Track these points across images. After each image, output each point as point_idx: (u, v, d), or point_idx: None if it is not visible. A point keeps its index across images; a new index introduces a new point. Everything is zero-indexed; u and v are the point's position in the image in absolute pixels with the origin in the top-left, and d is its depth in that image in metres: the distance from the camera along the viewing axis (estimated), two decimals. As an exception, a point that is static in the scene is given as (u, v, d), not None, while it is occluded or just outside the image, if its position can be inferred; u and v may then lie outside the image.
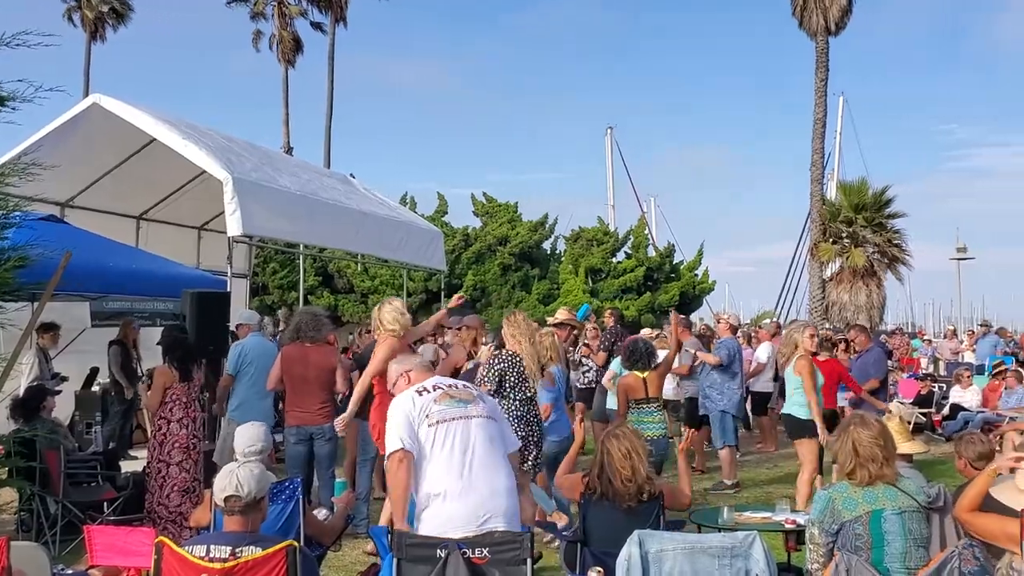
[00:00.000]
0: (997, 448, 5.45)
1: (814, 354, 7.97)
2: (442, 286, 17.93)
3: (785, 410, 7.89)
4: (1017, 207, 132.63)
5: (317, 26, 34.00)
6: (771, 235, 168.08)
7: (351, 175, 14.97)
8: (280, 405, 8.50)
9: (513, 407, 5.98)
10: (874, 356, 10.48)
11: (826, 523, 3.93)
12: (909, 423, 11.81)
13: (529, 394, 6.11)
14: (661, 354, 9.88)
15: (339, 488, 5.36)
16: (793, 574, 5.28)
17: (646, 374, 7.67)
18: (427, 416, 3.98)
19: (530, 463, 6.00)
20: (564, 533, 5.23)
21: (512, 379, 6.04)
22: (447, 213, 25.08)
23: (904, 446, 4.97)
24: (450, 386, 4.22)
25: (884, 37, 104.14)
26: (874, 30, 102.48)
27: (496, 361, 6.07)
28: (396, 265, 16.12)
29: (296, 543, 3.50)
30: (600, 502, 4.51)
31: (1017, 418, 9.99)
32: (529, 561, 3.45)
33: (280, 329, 13.73)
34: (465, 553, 3.51)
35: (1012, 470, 3.93)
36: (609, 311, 11.87)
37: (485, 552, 3.53)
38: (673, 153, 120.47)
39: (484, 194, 26.40)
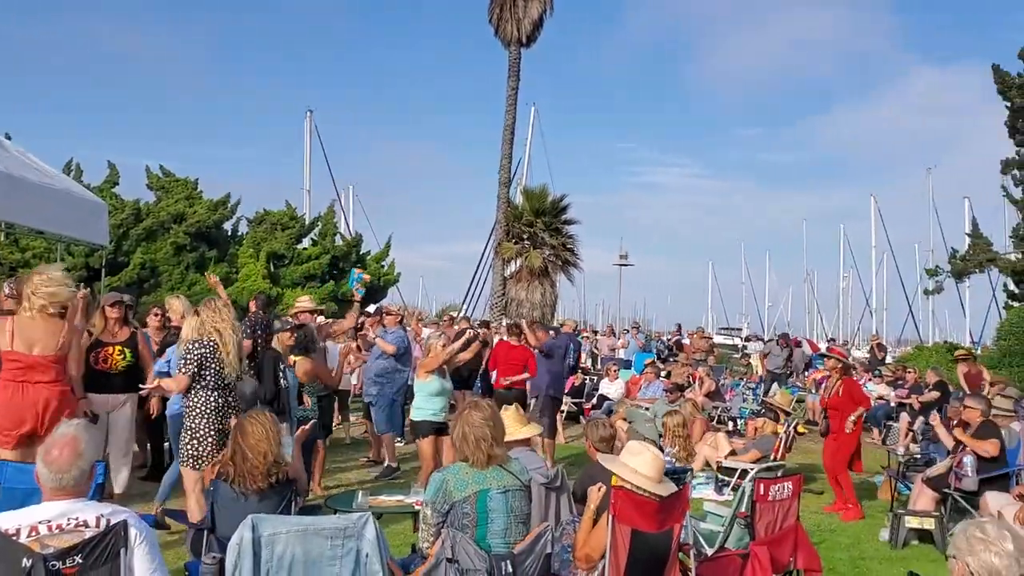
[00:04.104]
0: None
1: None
2: (103, 263, 16.63)
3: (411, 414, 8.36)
4: (675, 220, 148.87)
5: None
6: (467, 233, 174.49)
7: (7, 136, 13.43)
8: None
9: (211, 397, 5.94)
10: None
11: (438, 503, 4.09)
12: (562, 412, 12.83)
13: (227, 382, 6.04)
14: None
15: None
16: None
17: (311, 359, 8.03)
18: None
19: None
20: (192, 522, 5.04)
21: (212, 367, 5.97)
22: (118, 184, 23.21)
23: (523, 431, 5.36)
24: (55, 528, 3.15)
25: (577, 57, 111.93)
26: (572, 49, 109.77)
27: (196, 347, 5.97)
28: (52, 237, 14.65)
29: None
30: (230, 488, 4.38)
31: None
32: (123, 552, 3.16)
33: None
34: (54, 565, 3.05)
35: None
36: (254, 297, 11.58)
37: (77, 559, 3.14)
38: (379, 145, 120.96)
39: (161, 167, 24.81)
